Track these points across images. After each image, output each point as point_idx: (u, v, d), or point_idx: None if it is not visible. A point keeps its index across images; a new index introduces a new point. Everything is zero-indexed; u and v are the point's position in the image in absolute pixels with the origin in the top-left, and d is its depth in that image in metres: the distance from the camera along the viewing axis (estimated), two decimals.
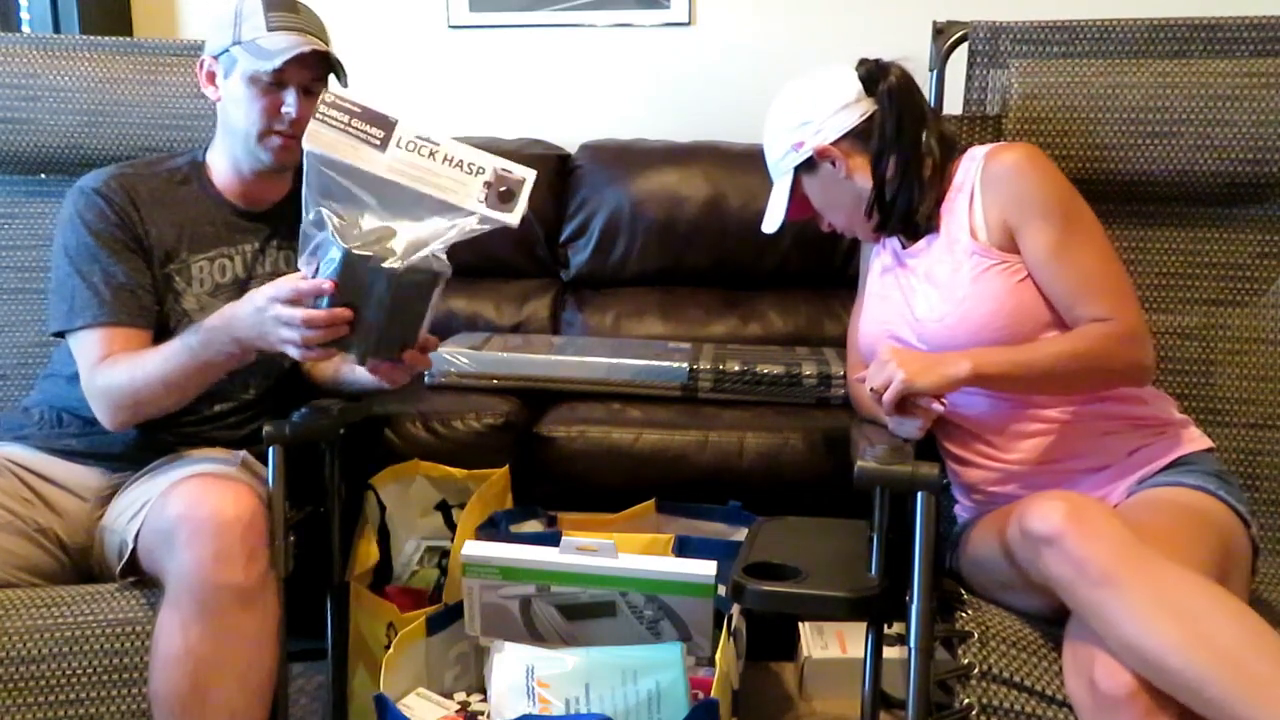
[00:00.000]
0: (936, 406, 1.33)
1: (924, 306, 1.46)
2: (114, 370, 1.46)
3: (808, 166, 1.55)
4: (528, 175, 1.33)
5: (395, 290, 1.29)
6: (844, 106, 1.50)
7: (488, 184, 1.31)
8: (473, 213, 1.30)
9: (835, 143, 1.50)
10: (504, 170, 1.31)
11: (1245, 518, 1.33)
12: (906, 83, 1.50)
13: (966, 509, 1.52)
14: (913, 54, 1.55)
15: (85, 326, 1.49)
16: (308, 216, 1.30)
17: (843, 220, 1.58)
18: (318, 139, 1.28)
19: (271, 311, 1.34)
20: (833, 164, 1.51)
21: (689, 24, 2.61)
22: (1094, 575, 1.13)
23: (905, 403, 1.34)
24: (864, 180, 1.51)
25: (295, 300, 1.32)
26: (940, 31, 1.70)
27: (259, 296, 1.36)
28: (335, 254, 1.28)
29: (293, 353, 1.36)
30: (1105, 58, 1.68)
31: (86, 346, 1.49)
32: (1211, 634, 1.08)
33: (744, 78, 2.61)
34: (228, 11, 1.54)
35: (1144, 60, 1.67)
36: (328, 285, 1.29)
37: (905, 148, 1.48)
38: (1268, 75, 1.61)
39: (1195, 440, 1.44)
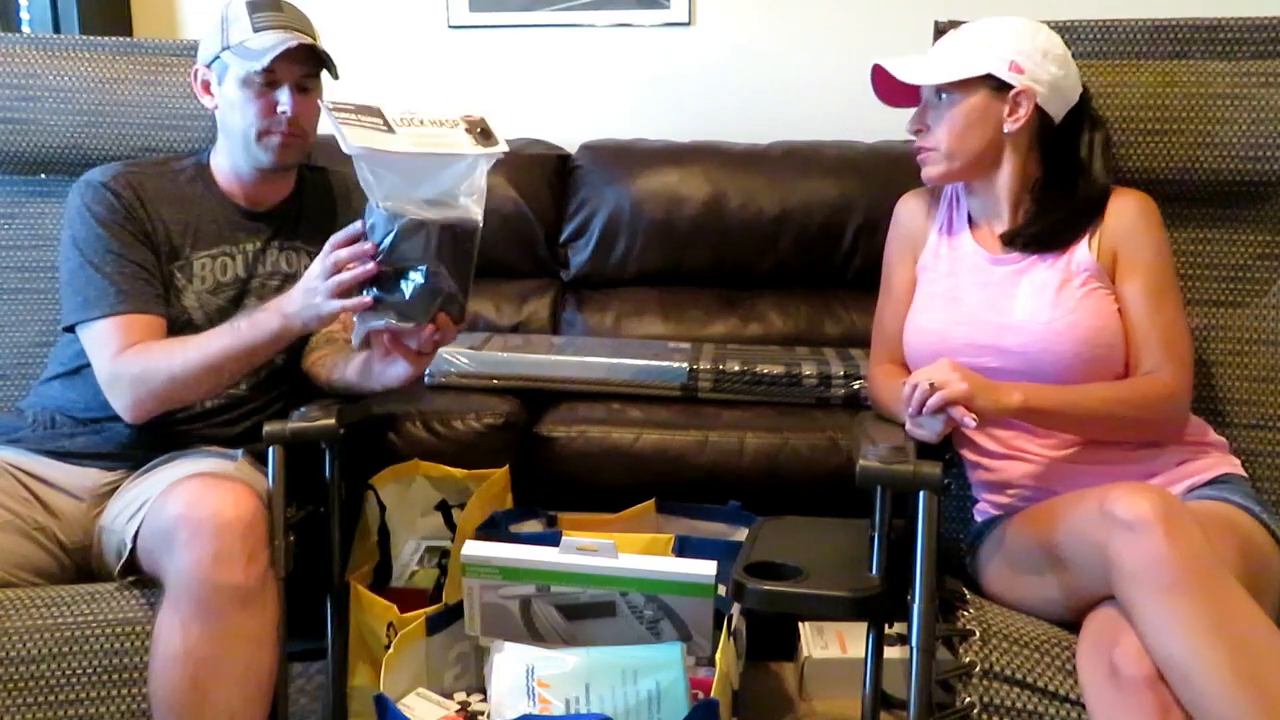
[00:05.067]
0: (968, 421, 1.33)
1: (1025, 310, 1.46)
2: (146, 356, 1.47)
3: (996, 87, 1.45)
4: (484, 114, 1.39)
5: (448, 243, 1.32)
6: (1063, 93, 1.47)
7: (468, 131, 1.35)
8: (478, 156, 1.34)
9: (1037, 103, 1.45)
10: (467, 116, 1.38)
11: None
12: (1109, 139, 1.54)
13: (996, 506, 1.52)
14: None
15: (102, 316, 1.49)
16: (378, 214, 1.31)
17: (949, 146, 1.48)
18: (356, 138, 1.28)
19: (312, 281, 1.37)
20: (1010, 110, 1.45)
21: (689, 24, 2.61)
22: (1166, 577, 1.12)
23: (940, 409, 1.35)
24: (1012, 151, 1.48)
25: (336, 264, 1.35)
26: (941, 31, 1.70)
27: (307, 273, 1.39)
28: (381, 221, 1.31)
29: (333, 306, 1.36)
30: (1106, 58, 1.68)
31: (104, 337, 1.49)
32: (1262, 674, 1.08)
33: (744, 78, 2.61)
34: (215, 19, 1.55)
35: (1144, 61, 1.67)
36: (359, 229, 1.33)
37: (1099, 196, 1.49)
38: (1268, 75, 1.61)
39: (1236, 465, 1.48)
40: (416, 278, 1.32)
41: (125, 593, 1.39)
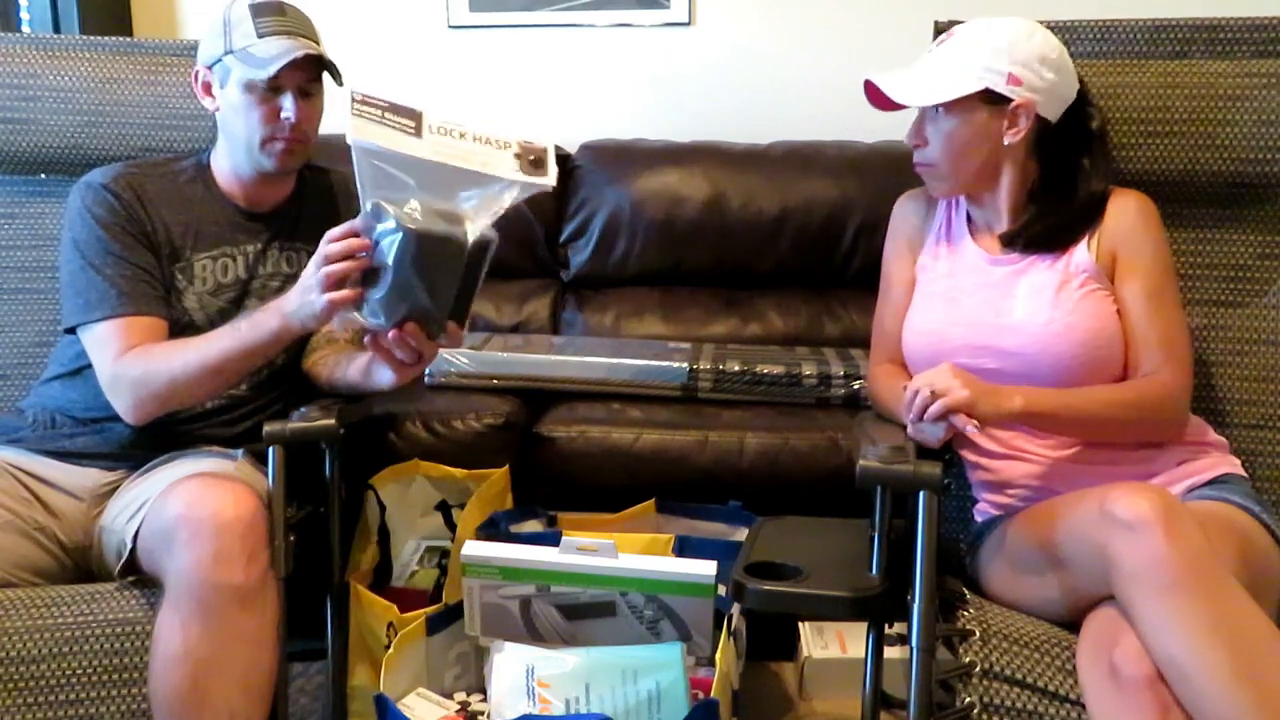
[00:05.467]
0: (972, 430, 1.33)
1: (1024, 311, 1.46)
2: (148, 358, 1.47)
3: (995, 101, 1.43)
4: (548, 144, 1.38)
5: (423, 254, 1.30)
6: (1063, 97, 1.46)
7: (517, 155, 1.35)
8: (513, 181, 1.33)
9: (1035, 113, 1.44)
10: (526, 142, 1.37)
11: None
12: (1106, 133, 1.52)
13: (996, 506, 1.52)
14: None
15: (104, 319, 1.49)
16: (365, 209, 1.31)
17: (950, 161, 1.48)
18: (363, 132, 1.28)
19: (307, 278, 1.36)
20: (1011, 123, 1.44)
21: (689, 24, 2.61)
22: (1166, 577, 1.12)
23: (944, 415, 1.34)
24: (1011, 161, 1.47)
25: (328, 257, 1.33)
26: (941, 31, 1.70)
27: (304, 271, 1.38)
28: (371, 218, 1.30)
29: (323, 300, 1.33)
30: (1107, 58, 1.68)
31: (105, 339, 1.49)
32: (1263, 672, 1.08)
33: (744, 78, 2.61)
34: (216, 21, 1.55)
35: (1146, 61, 1.67)
36: (354, 225, 1.32)
37: (1099, 194, 1.48)
38: (1270, 76, 1.61)
39: (1236, 465, 1.48)
40: (386, 279, 1.31)
41: (125, 593, 1.39)
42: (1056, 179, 1.49)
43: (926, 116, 1.48)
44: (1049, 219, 1.48)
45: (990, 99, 1.43)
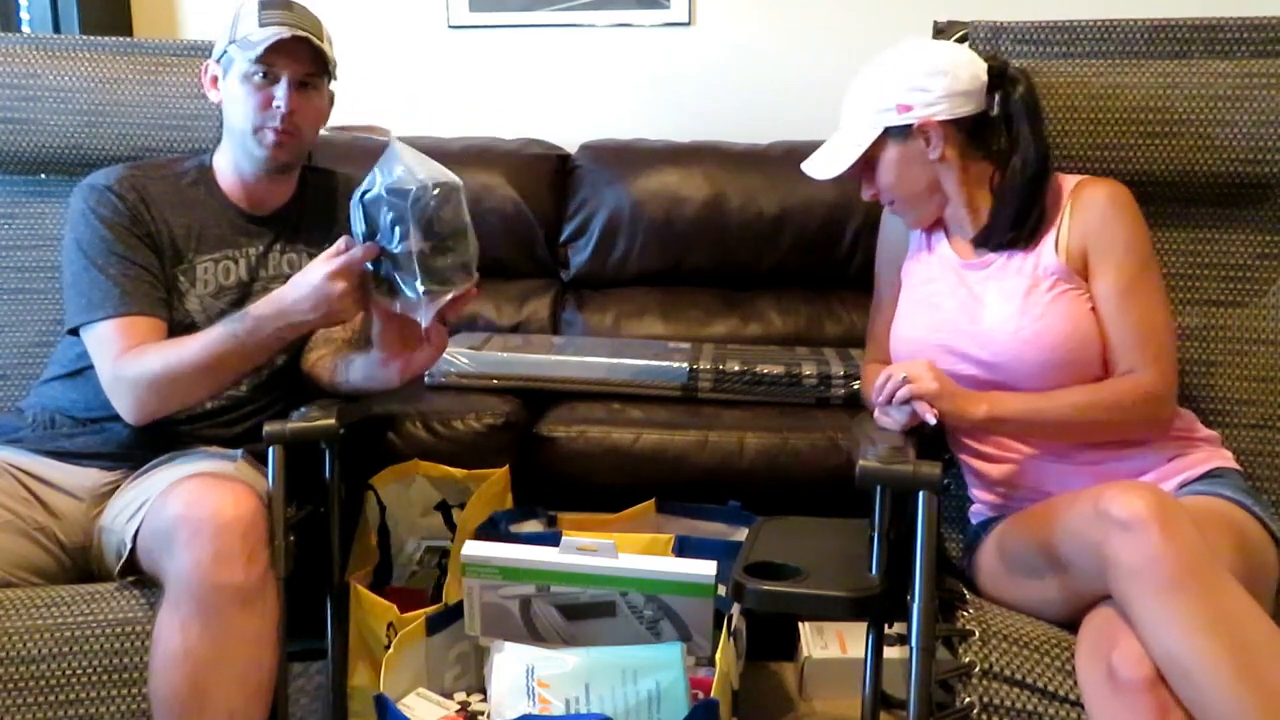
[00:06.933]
0: (929, 417, 1.38)
1: (993, 318, 1.45)
2: (146, 358, 1.46)
3: (899, 133, 1.46)
4: None
5: (431, 207, 1.34)
6: (965, 92, 1.45)
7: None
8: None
9: (942, 123, 1.45)
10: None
11: (1278, 538, 1.34)
12: (1035, 97, 1.49)
13: (990, 506, 1.52)
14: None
15: (106, 318, 1.49)
16: (431, 197, 1.35)
17: (900, 197, 1.51)
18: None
19: (333, 287, 1.39)
20: (926, 142, 1.46)
21: (689, 24, 2.61)
22: (1163, 575, 1.12)
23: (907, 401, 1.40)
24: (947, 171, 1.48)
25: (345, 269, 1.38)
26: (941, 31, 1.70)
27: (314, 274, 1.39)
28: (437, 194, 1.34)
29: (353, 314, 1.43)
30: (1106, 58, 1.68)
31: (107, 338, 1.49)
32: (1263, 670, 1.08)
33: (744, 78, 2.61)
34: (228, 16, 1.55)
35: (1145, 61, 1.67)
36: (368, 249, 1.37)
37: (1036, 162, 1.46)
38: (1269, 76, 1.61)
39: (1228, 458, 1.47)
40: (471, 235, 1.37)
41: (125, 593, 1.39)
42: (1003, 161, 1.48)
43: (860, 176, 1.52)
44: (1009, 208, 1.46)
45: (895, 133, 1.46)
